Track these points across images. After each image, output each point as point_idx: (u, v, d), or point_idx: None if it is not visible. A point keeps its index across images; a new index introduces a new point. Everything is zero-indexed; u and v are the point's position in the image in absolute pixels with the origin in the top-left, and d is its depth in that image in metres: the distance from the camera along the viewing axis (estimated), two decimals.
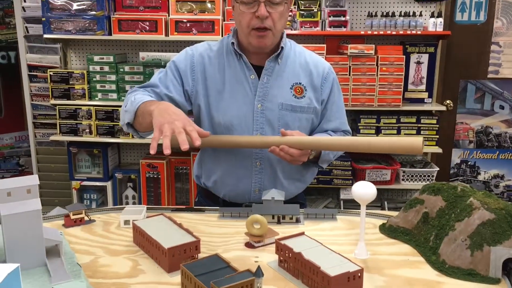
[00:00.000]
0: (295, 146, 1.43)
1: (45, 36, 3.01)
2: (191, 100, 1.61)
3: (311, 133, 1.65)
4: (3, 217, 0.95)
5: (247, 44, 1.55)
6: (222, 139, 1.53)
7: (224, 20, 2.99)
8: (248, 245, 1.22)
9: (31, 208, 0.96)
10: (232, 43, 1.57)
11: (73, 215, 1.31)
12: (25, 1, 3.16)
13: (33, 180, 0.97)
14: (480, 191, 1.13)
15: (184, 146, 1.18)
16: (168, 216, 1.24)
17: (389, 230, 1.27)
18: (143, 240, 1.16)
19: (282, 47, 1.57)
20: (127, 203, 3.31)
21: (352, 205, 3.04)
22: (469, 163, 3.53)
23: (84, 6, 2.98)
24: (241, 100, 1.56)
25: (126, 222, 1.30)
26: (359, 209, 1.19)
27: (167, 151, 1.17)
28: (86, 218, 1.33)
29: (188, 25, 2.97)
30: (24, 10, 3.17)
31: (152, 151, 1.20)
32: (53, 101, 3.11)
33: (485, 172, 3.52)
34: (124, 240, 1.24)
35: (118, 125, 3.08)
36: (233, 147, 1.55)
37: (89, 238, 1.25)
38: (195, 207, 1.53)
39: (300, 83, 1.59)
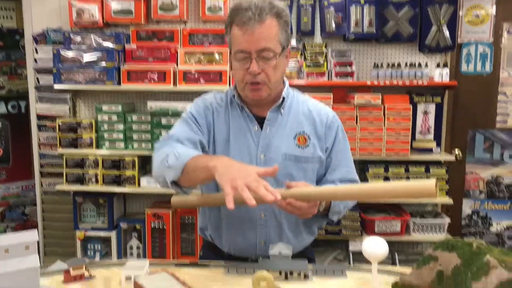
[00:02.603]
0: (302, 199, 1.37)
1: (56, 86, 3.06)
2: (205, 149, 1.59)
3: (317, 184, 1.62)
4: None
5: (244, 97, 1.56)
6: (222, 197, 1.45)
7: (232, 70, 3.02)
8: None
9: (29, 266, 0.92)
10: (233, 95, 1.58)
11: (73, 270, 1.27)
12: (37, 53, 3.23)
13: (31, 236, 0.94)
14: (497, 248, 1.09)
15: (269, 198, 1.12)
16: (171, 272, 1.20)
17: None
18: None
19: (283, 98, 1.57)
20: (131, 254, 3.24)
21: (362, 257, 2.96)
22: (480, 214, 3.45)
23: (94, 58, 3.04)
24: (245, 151, 1.54)
25: (128, 278, 1.26)
26: (370, 263, 1.14)
27: (252, 202, 1.10)
28: (86, 274, 1.29)
29: (196, 75, 3.01)
30: (36, 62, 3.24)
31: (231, 204, 1.10)
32: (60, 150, 3.12)
33: (497, 223, 3.44)
34: None
35: (125, 174, 3.08)
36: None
37: None
38: (199, 262, 1.49)
39: (303, 132, 1.57)
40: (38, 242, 1.03)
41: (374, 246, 1.04)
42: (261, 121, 1.57)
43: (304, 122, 1.59)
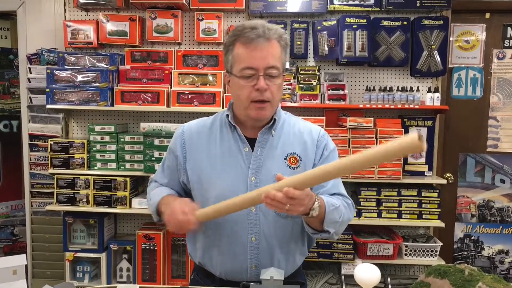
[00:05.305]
0: (298, 185, 1.28)
1: (48, 106, 3.05)
2: (187, 176, 1.60)
3: None
4: None
5: (245, 116, 1.55)
6: (214, 209, 1.43)
7: (225, 92, 3.04)
8: None
9: None
10: (227, 115, 1.58)
11: None
12: (30, 73, 3.23)
13: (19, 260, 0.93)
14: (489, 275, 1.08)
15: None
16: None
17: None
18: None
19: (275, 119, 1.58)
20: (121, 276, 3.20)
21: (354, 280, 2.93)
22: (472, 237, 3.45)
23: (88, 78, 3.05)
24: (234, 172, 1.53)
25: None
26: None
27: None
28: None
29: (189, 96, 3.02)
30: (29, 81, 3.24)
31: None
32: (52, 170, 3.09)
33: (489, 247, 3.44)
34: None
35: (116, 194, 3.05)
36: (228, 213, 1.45)
37: None
38: (190, 286, 1.47)
39: (294, 153, 1.57)
40: (26, 265, 1.02)
41: (366, 272, 1.03)
42: (252, 142, 1.56)
43: (295, 143, 1.59)
